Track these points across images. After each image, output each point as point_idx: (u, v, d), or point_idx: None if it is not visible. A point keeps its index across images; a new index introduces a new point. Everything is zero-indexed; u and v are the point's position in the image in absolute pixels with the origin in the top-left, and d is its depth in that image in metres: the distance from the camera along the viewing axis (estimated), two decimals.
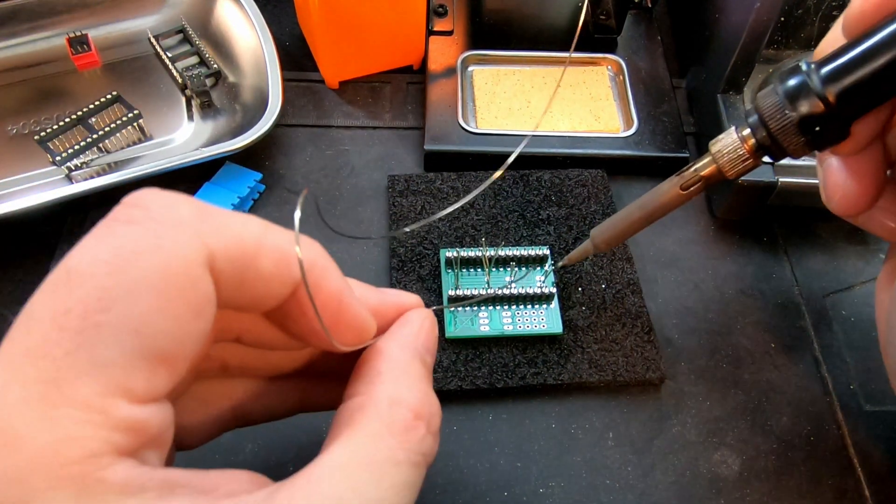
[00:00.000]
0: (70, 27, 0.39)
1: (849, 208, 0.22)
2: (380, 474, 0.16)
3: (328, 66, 0.39)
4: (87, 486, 0.12)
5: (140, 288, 0.13)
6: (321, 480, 0.15)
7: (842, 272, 0.35)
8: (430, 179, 0.35)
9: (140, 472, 0.13)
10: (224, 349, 0.19)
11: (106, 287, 0.13)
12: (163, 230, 0.13)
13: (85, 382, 0.12)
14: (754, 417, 0.30)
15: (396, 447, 0.16)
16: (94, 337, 0.12)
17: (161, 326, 0.13)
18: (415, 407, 0.17)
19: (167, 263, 0.13)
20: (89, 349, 0.12)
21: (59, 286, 0.13)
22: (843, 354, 0.32)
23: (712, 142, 0.23)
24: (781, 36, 0.33)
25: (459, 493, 0.27)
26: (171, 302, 0.13)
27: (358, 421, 0.16)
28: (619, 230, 0.27)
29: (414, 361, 0.18)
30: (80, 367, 0.12)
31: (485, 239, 0.33)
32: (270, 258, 0.15)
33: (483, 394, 0.29)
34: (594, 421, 0.29)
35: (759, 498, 0.28)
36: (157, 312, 0.13)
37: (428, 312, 0.20)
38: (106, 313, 0.12)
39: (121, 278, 0.13)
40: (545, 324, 0.30)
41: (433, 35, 0.41)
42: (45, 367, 0.12)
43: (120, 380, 0.13)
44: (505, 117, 0.38)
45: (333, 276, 0.16)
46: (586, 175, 0.36)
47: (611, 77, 0.41)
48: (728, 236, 0.36)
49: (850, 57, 0.19)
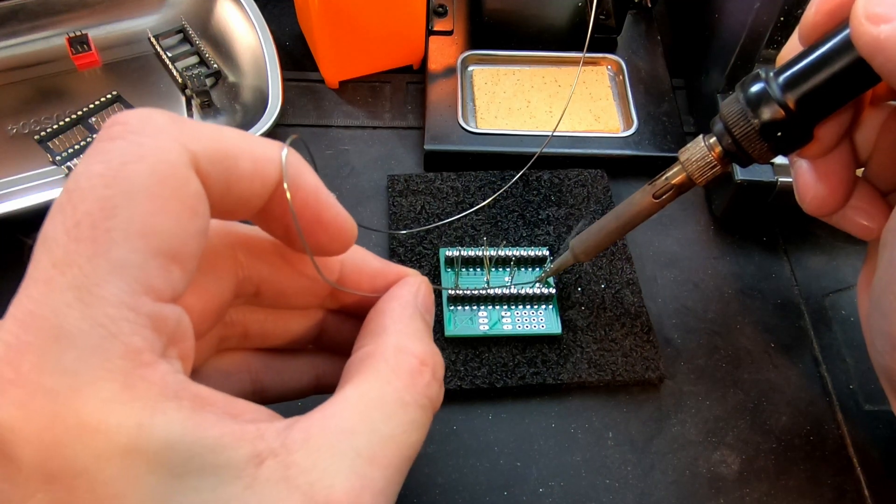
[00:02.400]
0: (70, 27, 0.39)
1: (820, 208, 0.23)
2: (390, 412, 0.17)
3: (328, 66, 0.39)
4: (131, 381, 0.13)
5: (136, 193, 0.13)
6: (335, 415, 0.16)
7: (841, 272, 0.35)
8: (430, 179, 0.35)
9: (176, 378, 0.14)
10: (245, 315, 0.21)
11: (106, 197, 0.13)
12: (144, 139, 0.14)
13: (113, 283, 0.13)
14: (754, 417, 0.30)
15: (404, 389, 0.17)
16: (108, 243, 0.13)
17: (163, 226, 0.14)
18: (419, 354, 0.18)
19: (154, 168, 0.14)
20: (106, 254, 0.13)
21: (64, 205, 0.13)
22: (843, 354, 0.32)
23: (681, 150, 0.24)
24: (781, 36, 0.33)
25: (459, 492, 0.27)
26: (166, 202, 0.14)
27: (367, 367, 0.18)
28: (598, 240, 0.27)
29: (415, 316, 0.20)
30: (105, 271, 0.13)
31: (485, 239, 0.33)
32: (249, 158, 0.16)
33: (483, 393, 0.29)
34: (594, 420, 0.29)
35: (758, 497, 0.28)
36: (156, 213, 0.14)
37: (423, 277, 0.22)
38: (112, 219, 0.13)
39: (117, 187, 0.13)
40: (544, 324, 0.30)
41: (433, 35, 0.41)
42: (74, 275, 0.13)
43: (141, 279, 0.13)
44: (505, 117, 0.38)
45: (309, 175, 0.17)
46: (586, 175, 0.36)
47: (610, 77, 0.41)
48: (728, 236, 0.36)
49: (806, 63, 0.20)
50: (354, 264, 0.21)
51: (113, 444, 0.12)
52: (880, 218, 0.23)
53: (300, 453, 0.15)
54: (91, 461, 0.12)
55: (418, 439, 0.17)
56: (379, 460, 0.16)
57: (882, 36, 0.17)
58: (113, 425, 0.12)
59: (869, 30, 0.17)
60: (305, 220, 0.17)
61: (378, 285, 0.21)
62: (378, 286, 0.21)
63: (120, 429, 0.12)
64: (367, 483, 0.15)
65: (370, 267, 0.21)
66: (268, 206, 0.17)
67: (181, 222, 0.14)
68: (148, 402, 0.13)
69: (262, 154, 0.16)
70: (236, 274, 0.19)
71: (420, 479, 0.27)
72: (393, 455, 0.16)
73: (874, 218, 0.23)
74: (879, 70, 0.18)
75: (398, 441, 0.17)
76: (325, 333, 0.23)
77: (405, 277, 0.21)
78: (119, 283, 0.13)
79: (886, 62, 0.17)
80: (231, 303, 0.19)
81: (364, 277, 0.21)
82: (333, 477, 0.15)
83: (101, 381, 0.13)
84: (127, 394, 0.13)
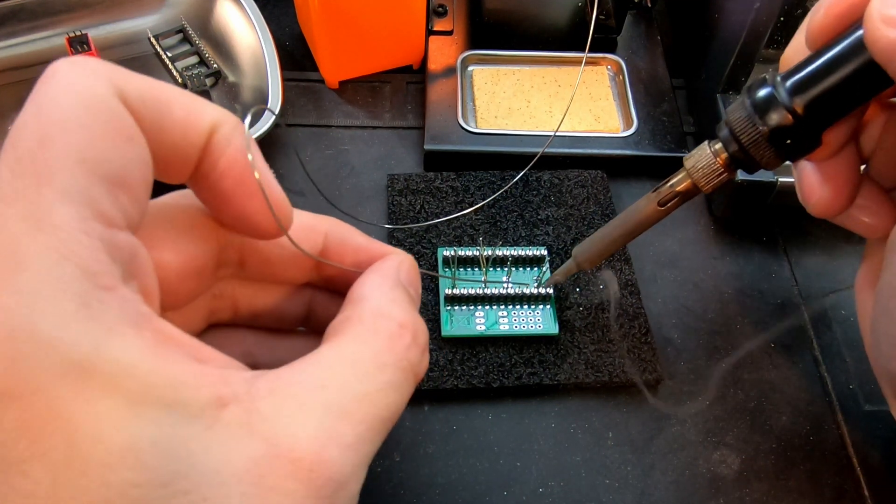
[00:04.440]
0: (70, 27, 0.39)
1: (826, 210, 0.22)
2: (364, 371, 0.16)
3: (328, 66, 0.39)
4: (87, 301, 0.13)
5: (67, 123, 0.14)
6: (305, 371, 0.16)
7: (841, 272, 0.35)
8: (430, 179, 0.35)
9: (137, 307, 0.14)
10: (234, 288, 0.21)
11: (40, 131, 0.13)
12: (72, 78, 0.14)
13: (61, 210, 0.13)
14: (754, 417, 0.30)
15: (381, 351, 0.17)
16: (50, 172, 0.13)
17: (101, 152, 0.14)
18: (398, 318, 0.18)
19: (82, 99, 0.14)
20: (51, 183, 0.13)
21: (7, 149, 0.14)
22: (843, 354, 0.32)
23: (686, 157, 0.24)
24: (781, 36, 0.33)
25: (459, 492, 0.27)
26: (98, 129, 0.14)
27: (344, 329, 0.17)
28: (601, 248, 0.27)
29: (397, 287, 0.19)
30: (52, 199, 0.13)
31: (483, 238, 0.33)
32: (180, 106, 0.16)
33: (482, 393, 0.29)
34: (594, 420, 0.29)
35: (758, 497, 0.28)
36: (91, 140, 0.14)
37: (408, 255, 0.21)
38: (50, 150, 0.13)
39: (49, 121, 0.14)
40: (541, 324, 0.30)
41: (433, 35, 0.41)
42: (22, 206, 0.13)
43: (88, 204, 0.13)
44: (505, 117, 0.38)
45: (240, 139, 0.17)
46: (586, 176, 0.36)
47: (610, 77, 0.41)
48: (728, 236, 0.36)
49: (814, 67, 0.20)
50: (338, 239, 0.21)
51: (68, 362, 0.12)
52: (885, 215, 0.22)
53: (265, 402, 0.15)
54: (47, 378, 0.12)
55: (396, 402, 0.17)
56: (349, 416, 0.15)
57: None
58: (68, 342, 0.12)
59: (886, 33, 0.17)
60: (230, 182, 0.17)
61: (362, 260, 0.21)
62: (362, 261, 0.21)
63: (75, 346, 0.12)
64: (334, 436, 0.15)
65: (354, 242, 0.21)
66: (202, 170, 0.17)
67: (118, 148, 0.14)
68: (105, 323, 0.13)
69: (194, 106, 0.16)
70: (217, 239, 0.19)
71: (420, 479, 0.27)
72: (365, 413, 0.16)
73: (879, 216, 0.23)
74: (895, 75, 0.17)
75: (372, 400, 0.16)
76: (315, 314, 0.22)
77: (389, 254, 0.21)
78: (68, 209, 0.13)
79: None
80: (215, 270, 0.19)
81: (347, 251, 0.21)
82: (298, 427, 0.15)
83: (56, 300, 0.12)
84: (84, 313, 0.13)
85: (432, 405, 0.29)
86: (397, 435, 0.28)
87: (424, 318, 0.30)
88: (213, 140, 0.16)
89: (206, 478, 0.13)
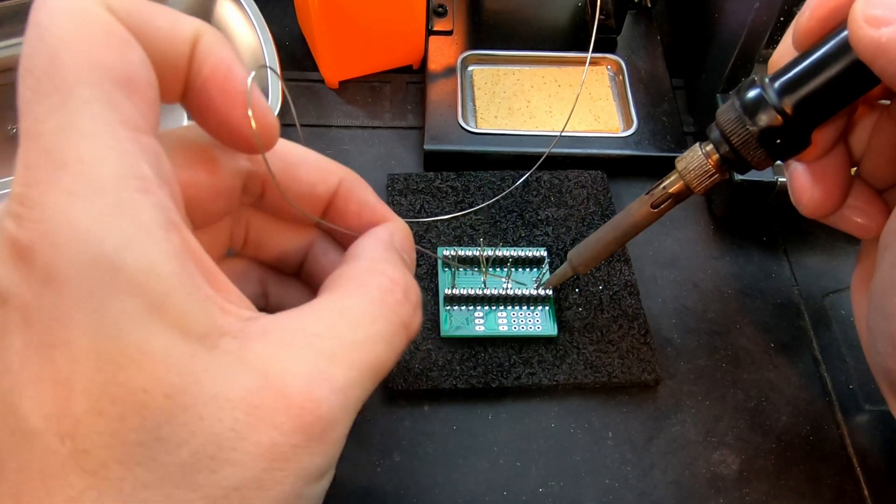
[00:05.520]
0: None
1: (817, 210, 0.23)
2: (355, 322, 0.17)
3: (328, 66, 0.39)
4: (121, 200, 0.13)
5: (69, 39, 0.14)
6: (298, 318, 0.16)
7: (841, 272, 0.35)
8: (430, 179, 0.35)
9: (168, 213, 0.14)
10: (249, 216, 0.22)
11: (47, 52, 0.14)
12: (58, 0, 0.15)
13: (87, 119, 0.14)
14: (753, 417, 0.30)
15: (372, 304, 0.17)
16: (68, 85, 0.14)
17: (106, 57, 0.14)
18: (390, 275, 0.19)
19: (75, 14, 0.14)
20: (73, 94, 0.14)
21: (23, 76, 0.14)
22: (843, 354, 0.32)
23: (678, 159, 0.24)
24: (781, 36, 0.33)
25: (459, 492, 0.27)
26: (97, 37, 0.14)
27: (337, 284, 0.18)
28: (596, 251, 0.27)
29: (390, 250, 0.20)
30: (78, 109, 0.14)
31: (483, 239, 0.33)
32: (163, 16, 0.16)
33: (482, 393, 0.29)
34: (593, 420, 0.29)
35: (758, 497, 0.28)
36: (95, 48, 0.14)
37: (404, 224, 0.22)
38: (61, 65, 0.14)
39: (51, 39, 0.14)
40: (540, 325, 0.30)
41: (433, 35, 0.41)
42: (52, 124, 0.13)
43: (111, 109, 0.14)
44: (505, 117, 0.38)
45: (223, 46, 0.17)
46: (586, 176, 0.36)
47: (610, 77, 0.41)
48: (727, 236, 0.36)
49: (802, 68, 0.20)
50: (349, 188, 0.21)
51: (100, 255, 0.13)
52: (878, 216, 0.23)
53: (257, 342, 0.15)
54: (79, 268, 0.13)
55: (386, 353, 0.17)
56: (340, 361, 0.16)
57: (883, 39, 0.17)
58: (99, 236, 0.13)
59: (869, 33, 0.17)
60: (214, 90, 0.17)
61: (364, 215, 0.21)
62: (364, 217, 0.21)
63: (107, 240, 0.13)
64: (324, 378, 0.15)
65: (363, 196, 0.21)
66: (189, 81, 0.17)
67: (120, 53, 0.14)
68: (137, 223, 0.13)
69: (176, 15, 0.16)
70: (246, 165, 0.20)
71: (420, 479, 0.27)
72: (356, 359, 0.16)
73: (872, 216, 0.23)
74: (880, 73, 0.18)
75: (363, 348, 0.17)
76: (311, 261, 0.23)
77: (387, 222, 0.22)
78: (93, 118, 0.14)
79: (888, 65, 0.17)
80: (241, 195, 0.20)
81: (353, 203, 0.21)
82: (290, 366, 0.15)
83: (92, 198, 0.13)
84: (118, 210, 0.13)
85: (432, 405, 0.29)
86: (397, 435, 0.28)
87: (424, 318, 0.30)
88: (197, 49, 0.16)
89: (203, 398, 0.14)
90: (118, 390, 0.13)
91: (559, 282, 0.29)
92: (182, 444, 0.13)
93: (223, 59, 0.17)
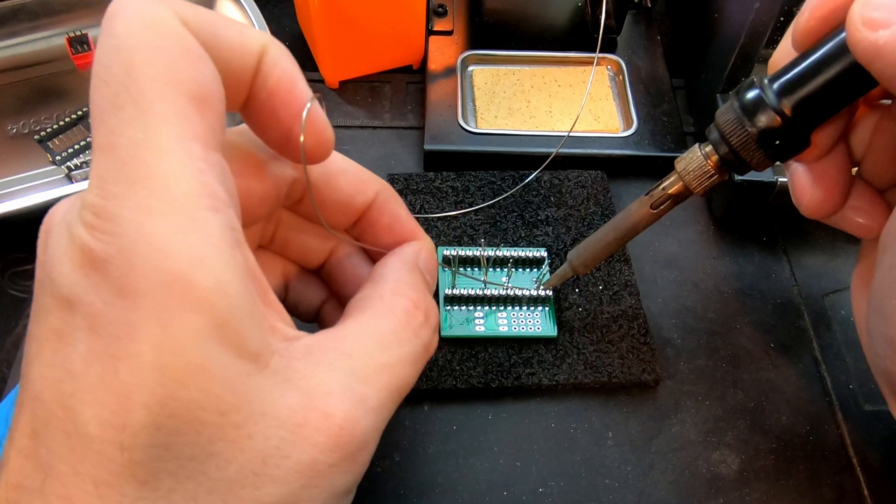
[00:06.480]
0: (70, 27, 0.39)
1: (818, 211, 0.23)
2: (385, 343, 0.18)
3: (328, 66, 0.39)
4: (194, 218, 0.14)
5: (145, 51, 0.14)
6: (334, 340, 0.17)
7: (841, 272, 0.35)
8: (430, 179, 0.35)
9: (236, 234, 0.15)
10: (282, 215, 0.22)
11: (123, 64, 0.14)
12: (136, 9, 0.15)
13: (164, 135, 0.14)
14: (753, 417, 0.30)
15: (399, 326, 0.18)
16: (146, 100, 0.14)
17: (182, 72, 0.14)
18: (414, 298, 0.19)
19: (151, 26, 0.15)
20: (151, 110, 0.14)
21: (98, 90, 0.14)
22: (842, 354, 0.32)
23: (677, 160, 0.24)
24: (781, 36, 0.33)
25: (459, 492, 0.27)
26: (173, 51, 0.14)
27: (365, 305, 0.19)
28: (595, 252, 0.27)
29: (415, 271, 0.21)
30: (155, 125, 0.14)
31: (483, 239, 0.33)
32: (233, 28, 0.16)
33: (482, 393, 0.29)
34: (593, 420, 0.29)
35: (758, 497, 0.28)
36: (172, 63, 0.14)
37: (430, 242, 0.23)
38: (138, 78, 0.14)
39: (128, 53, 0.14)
40: (539, 326, 0.30)
41: (433, 35, 0.41)
42: (131, 135, 0.14)
43: (186, 126, 0.14)
44: (505, 117, 0.38)
45: (288, 60, 0.18)
46: (586, 176, 0.36)
47: (610, 77, 0.41)
48: (727, 236, 0.36)
49: (801, 69, 0.20)
50: (383, 201, 0.22)
51: (173, 270, 0.13)
52: (879, 216, 0.23)
53: (301, 362, 0.16)
54: (153, 285, 0.13)
55: (411, 374, 0.18)
56: (373, 382, 0.17)
57: (880, 41, 0.17)
58: (173, 254, 0.13)
59: (866, 35, 0.17)
60: (278, 101, 0.17)
61: (395, 229, 0.22)
62: (394, 231, 0.22)
63: (180, 258, 0.13)
64: (361, 398, 0.16)
65: (395, 210, 0.22)
66: (253, 91, 0.17)
67: (194, 68, 0.15)
68: (209, 240, 0.14)
69: (245, 29, 0.17)
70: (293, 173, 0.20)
71: (420, 479, 0.27)
72: (386, 381, 0.17)
73: (873, 216, 0.23)
74: (878, 76, 0.18)
75: (392, 370, 0.17)
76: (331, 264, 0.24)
77: (414, 240, 0.22)
78: (169, 134, 0.14)
79: (886, 68, 0.17)
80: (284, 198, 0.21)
81: (385, 216, 0.22)
82: (332, 386, 0.16)
83: (166, 215, 0.13)
84: (191, 228, 0.14)
85: (432, 405, 0.29)
86: (397, 435, 0.28)
87: None
88: (263, 62, 0.17)
89: (253, 417, 0.14)
90: (177, 406, 0.13)
91: (559, 282, 0.29)
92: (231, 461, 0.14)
93: (287, 72, 0.17)
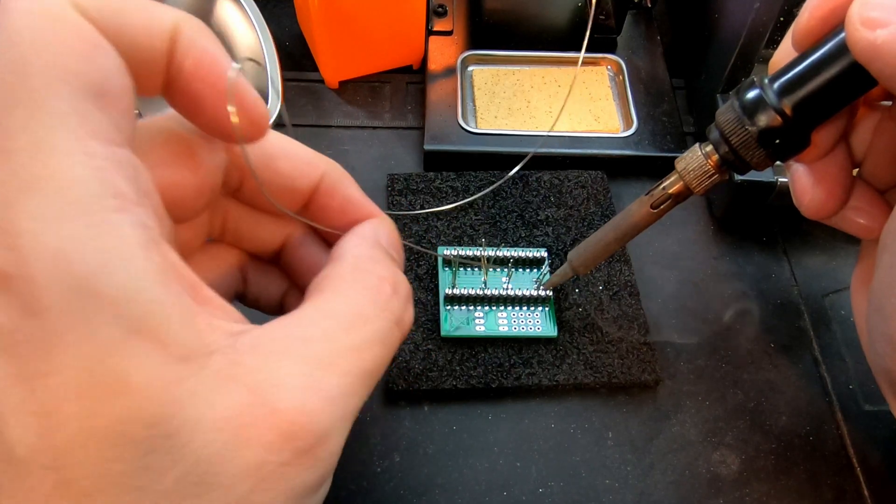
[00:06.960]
0: None
1: (818, 211, 0.23)
2: (348, 324, 0.16)
3: (328, 66, 0.39)
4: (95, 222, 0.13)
5: (37, 46, 0.13)
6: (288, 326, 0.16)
7: (841, 272, 0.35)
8: (430, 179, 0.35)
9: (146, 232, 0.14)
10: (227, 205, 0.21)
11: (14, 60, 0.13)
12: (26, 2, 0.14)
13: (59, 134, 0.13)
14: (753, 417, 0.30)
15: (364, 304, 0.17)
16: (39, 98, 0.13)
17: (77, 65, 0.14)
18: (377, 272, 0.18)
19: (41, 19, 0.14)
20: (43, 109, 0.13)
21: None
22: (843, 354, 0.32)
23: (677, 159, 0.24)
24: (781, 36, 0.33)
25: (459, 492, 0.27)
26: (67, 43, 0.14)
27: (325, 287, 0.17)
28: (595, 252, 0.27)
29: (376, 247, 0.19)
30: (49, 125, 0.13)
31: (484, 239, 0.33)
32: (138, 10, 0.15)
33: (482, 394, 0.29)
34: (593, 421, 0.29)
35: (758, 497, 0.28)
36: (65, 57, 0.13)
37: (390, 220, 0.21)
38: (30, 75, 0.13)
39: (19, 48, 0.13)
40: (539, 326, 0.30)
41: (433, 35, 0.41)
42: (25, 136, 0.13)
43: (83, 123, 0.13)
44: (505, 117, 0.38)
45: (205, 36, 0.16)
46: (586, 176, 0.36)
47: (610, 77, 0.41)
48: (727, 236, 0.36)
49: (801, 69, 0.20)
50: (332, 182, 0.21)
51: (76, 280, 0.12)
52: (879, 216, 0.23)
53: (247, 356, 0.15)
54: (58, 297, 0.12)
55: (381, 354, 0.17)
56: (335, 368, 0.15)
57: (879, 41, 0.17)
58: (75, 261, 0.12)
59: (865, 35, 0.17)
60: (200, 84, 0.16)
61: (348, 212, 0.21)
62: (348, 213, 0.21)
63: (82, 265, 0.12)
64: (317, 388, 0.15)
65: (346, 191, 0.21)
66: (171, 75, 0.16)
67: (90, 59, 0.14)
68: (114, 244, 0.13)
69: (153, 8, 0.16)
70: (226, 158, 0.19)
71: (420, 479, 0.27)
72: (352, 365, 0.16)
73: (873, 217, 0.23)
74: (877, 75, 0.18)
75: (358, 352, 0.16)
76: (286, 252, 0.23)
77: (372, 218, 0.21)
78: (65, 134, 0.13)
79: (884, 67, 0.17)
80: (220, 188, 0.19)
81: (337, 198, 0.21)
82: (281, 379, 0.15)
83: (66, 221, 0.13)
84: (93, 232, 0.13)
85: (432, 405, 0.29)
86: (397, 435, 0.28)
87: (424, 318, 0.30)
88: (178, 42, 0.16)
89: (188, 423, 0.13)
90: (100, 421, 0.13)
91: (559, 282, 0.29)
92: (166, 472, 0.13)
93: (206, 51, 0.16)
